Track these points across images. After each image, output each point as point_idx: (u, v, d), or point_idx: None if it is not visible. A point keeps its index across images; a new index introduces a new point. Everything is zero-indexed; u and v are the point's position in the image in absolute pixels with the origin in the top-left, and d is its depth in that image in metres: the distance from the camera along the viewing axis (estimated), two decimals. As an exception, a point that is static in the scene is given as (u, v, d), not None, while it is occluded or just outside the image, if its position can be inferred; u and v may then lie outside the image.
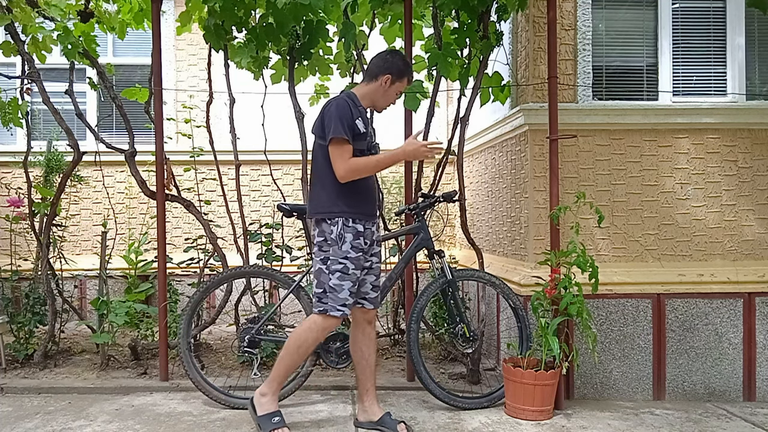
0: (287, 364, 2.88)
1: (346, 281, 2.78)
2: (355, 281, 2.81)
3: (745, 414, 3.28)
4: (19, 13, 3.72)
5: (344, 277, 2.78)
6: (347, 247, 2.78)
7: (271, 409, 2.87)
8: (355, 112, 2.80)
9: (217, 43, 3.77)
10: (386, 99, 2.91)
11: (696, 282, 3.53)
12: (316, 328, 2.84)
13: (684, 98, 3.73)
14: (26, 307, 4.08)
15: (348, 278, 2.79)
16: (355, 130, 2.77)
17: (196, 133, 4.58)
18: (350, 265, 2.79)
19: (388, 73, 2.85)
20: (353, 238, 2.79)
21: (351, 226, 2.80)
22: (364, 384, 3.00)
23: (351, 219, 2.81)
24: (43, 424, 3.02)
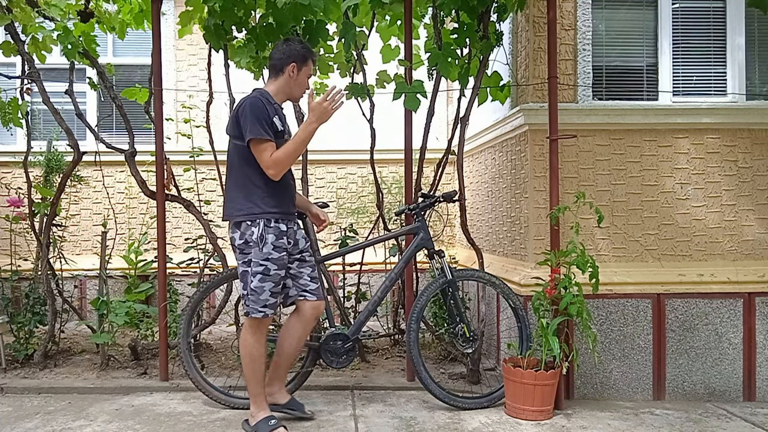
0: (250, 378, 2.89)
1: (267, 282, 2.80)
2: (277, 281, 2.83)
3: (745, 414, 3.28)
4: (19, 13, 3.72)
5: (265, 278, 2.79)
6: (268, 248, 2.78)
7: (263, 415, 2.87)
8: (271, 109, 2.81)
9: (217, 43, 3.77)
10: (299, 86, 2.91)
11: (696, 282, 3.53)
12: (248, 330, 2.89)
13: (684, 98, 3.73)
14: (26, 307, 4.08)
15: (269, 279, 2.80)
16: (274, 127, 2.79)
17: (195, 133, 4.59)
18: (272, 266, 2.80)
19: (292, 61, 2.86)
20: (275, 238, 2.80)
21: (273, 226, 2.80)
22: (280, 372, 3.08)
23: (273, 219, 2.81)
24: (43, 424, 3.02)
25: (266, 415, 2.87)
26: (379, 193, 4.23)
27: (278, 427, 2.83)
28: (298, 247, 2.97)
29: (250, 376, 2.89)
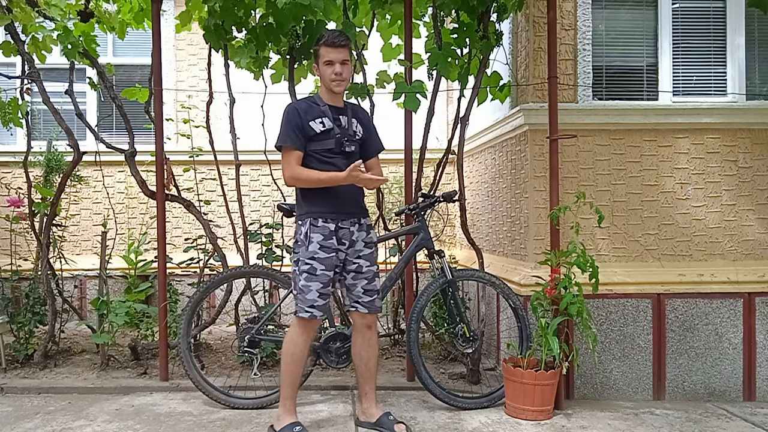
0: (286, 377, 2.87)
1: (314, 282, 2.76)
2: (325, 282, 2.77)
3: (745, 414, 3.28)
4: (19, 13, 3.72)
5: (311, 278, 2.76)
6: (314, 247, 2.76)
7: (288, 420, 2.83)
8: (312, 113, 2.81)
9: (217, 43, 3.77)
10: (324, 80, 2.85)
11: (696, 282, 3.53)
12: (294, 331, 2.85)
13: (684, 98, 3.73)
14: (26, 307, 4.08)
15: (316, 279, 2.76)
16: (310, 131, 2.79)
17: (195, 133, 4.58)
18: (318, 266, 2.76)
19: (313, 63, 2.92)
20: (322, 238, 2.77)
21: (320, 226, 2.78)
22: (363, 387, 3.00)
23: (320, 218, 2.79)
24: (43, 424, 3.02)
25: (292, 421, 2.82)
26: (379, 193, 4.23)
27: None
28: (355, 251, 2.87)
29: (286, 376, 2.84)
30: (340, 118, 2.87)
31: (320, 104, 2.86)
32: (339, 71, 2.78)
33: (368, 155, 2.98)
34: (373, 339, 2.98)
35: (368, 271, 2.90)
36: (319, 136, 2.81)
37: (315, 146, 2.82)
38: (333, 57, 2.78)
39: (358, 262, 2.88)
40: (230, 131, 3.99)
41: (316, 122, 2.81)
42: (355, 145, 2.88)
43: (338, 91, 2.84)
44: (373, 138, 3.01)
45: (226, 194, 4.24)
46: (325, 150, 2.82)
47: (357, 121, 2.93)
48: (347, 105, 2.97)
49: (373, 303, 2.92)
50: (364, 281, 2.89)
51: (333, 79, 2.80)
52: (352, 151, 2.87)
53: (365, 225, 2.92)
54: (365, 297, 2.90)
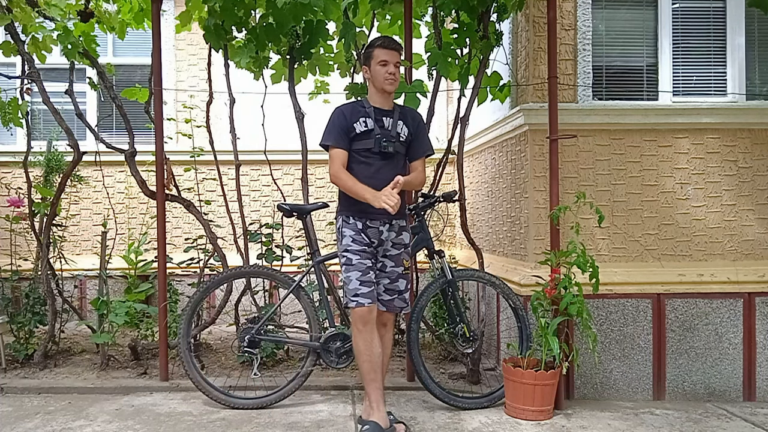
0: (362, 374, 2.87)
1: (353, 272, 2.84)
2: (363, 270, 2.84)
3: (745, 414, 3.28)
4: (19, 13, 3.72)
5: (350, 268, 2.85)
6: (347, 240, 2.88)
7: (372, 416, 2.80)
8: (356, 114, 2.91)
9: (217, 43, 3.77)
10: (378, 78, 2.91)
11: (696, 282, 3.53)
12: (353, 329, 2.87)
13: (684, 98, 3.73)
14: (26, 307, 4.08)
15: (354, 268, 2.84)
16: (352, 132, 2.89)
17: (196, 133, 4.58)
18: (353, 257, 2.85)
19: (363, 65, 3.00)
20: (353, 233, 2.88)
21: (350, 224, 2.90)
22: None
23: (350, 216, 2.90)
24: (43, 424, 3.02)
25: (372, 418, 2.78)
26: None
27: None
28: (384, 249, 2.92)
29: (362, 375, 2.87)
30: (383, 119, 2.94)
31: (366, 106, 2.95)
32: (392, 71, 2.90)
33: (412, 157, 3.04)
34: (387, 337, 3.01)
35: (392, 271, 2.96)
36: (360, 136, 2.89)
37: (356, 145, 2.90)
38: (388, 58, 2.90)
39: (384, 261, 2.95)
40: (230, 131, 3.99)
41: (359, 123, 2.90)
42: (396, 146, 2.92)
43: (390, 90, 2.93)
44: (419, 140, 3.03)
45: (226, 194, 4.24)
46: (364, 149, 2.89)
47: (403, 122, 2.97)
48: (396, 108, 3.01)
49: (392, 302, 2.97)
50: (386, 280, 2.95)
51: (386, 78, 2.89)
52: (393, 152, 2.90)
53: (397, 226, 2.95)
54: (385, 295, 2.95)
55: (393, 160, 2.92)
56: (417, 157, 3.04)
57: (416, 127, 3.03)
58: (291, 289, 3.28)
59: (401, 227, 2.97)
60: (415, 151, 3.03)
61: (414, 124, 3.03)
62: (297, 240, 4.92)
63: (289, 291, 3.29)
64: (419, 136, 3.04)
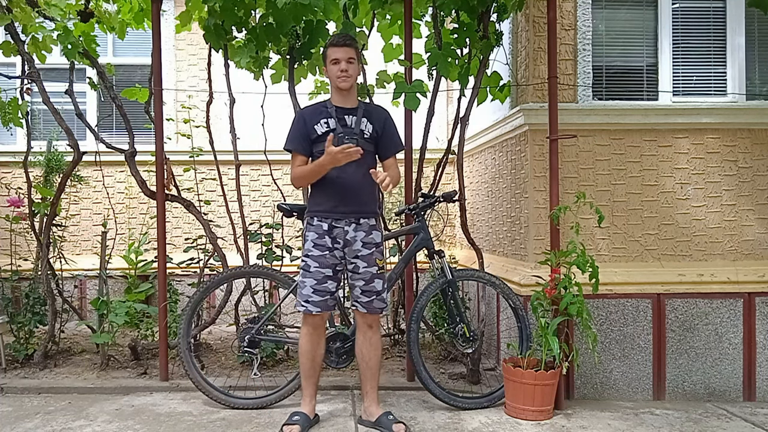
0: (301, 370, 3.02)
1: (308, 278, 2.87)
2: (320, 279, 2.85)
3: (745, 414, 3.28)
4: (19, 13, 3.72)
5: (306, 274, 2.88)
6: (309, 245, 2.88)
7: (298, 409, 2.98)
8: (317, 116, 2.90)
9: (217, 43, 3.77)
10: (331, 78, 2.90)
11: (696, 282, 3.53)
12: (303, 324, 2.96)
13: (684, 98, 3.73)
14: (26, 307, 4.08)
15: (310, 276, 2.86)
16: (313, 134, 2.89)
17: (195, 133, 4.58)
18: (311, 263, 2.86)
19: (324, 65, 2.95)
20: (316, 236, 2.87)
21: (314, 224, 2.89)
22: (364, 386, 3.02)
23: (315, 217, 2.90)
24: (43, 424, 3.02)
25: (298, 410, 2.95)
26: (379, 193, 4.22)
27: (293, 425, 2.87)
28: (353, 250, 2.87)
29: (302, 372, 3.00)
30: (345, 118, 2.90)
31: (328, 107, 2.92)
32: (345, 68, 2.84)
33: (383, 155, 3.00)
34: (374, 338, 2.99)
35: (365, 272, 2.90)
36: (322, 138, 2.85)
37: (320, 146, 2.86)
38: (339, 55, 2.85)
39: (355, 263, 2.90)
40: (230, 131, 3.99)
41: (320, 124, 2.88)
42: (361, 143, 2.86)
43: (344, 87, 2.87)
44: (388, 137, 2.99)
45: (226, 194, 4.24)
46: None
47: (368, 120, 2.93)
48: (360, 105, 2.97)
49: (371, 304, 2.93)
50: (361, 282, 2.91)
51: (339, 76, 2.85)
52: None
53: (366, 225, 2.91)
54: (363, 297, 2.92)
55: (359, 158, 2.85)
56: (388, 155, 3.00)
57: (383, 124, 2.97)
58: (291, 289, 3.28)
59: (371, 226, 2.92)
60: (385, 150, 2.99)
61: (380, 120, 2.96)
62: (297, 240, 4.92)
63: (289, 291, 3.29)
64: (387, 133, 2.98)
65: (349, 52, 2.85)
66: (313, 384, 3.01)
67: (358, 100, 2.98)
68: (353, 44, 2.89)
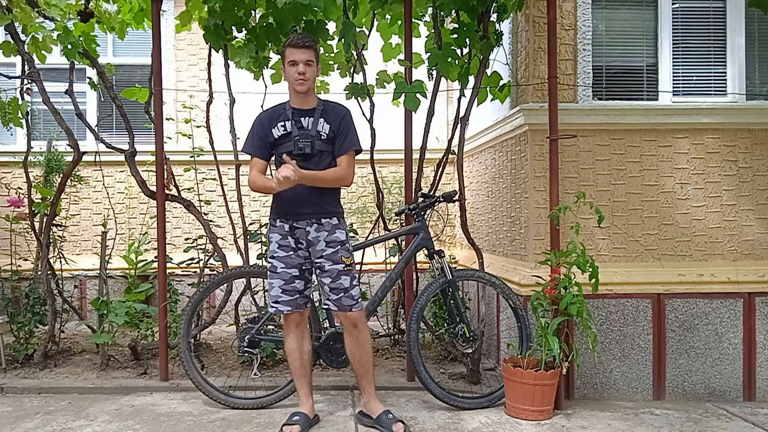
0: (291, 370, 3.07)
1: (276, 279, 2.92)
2: (287, 279, 2.90)
3: (745, 414, 3.28)
4: (19, 13, 3.72)
5: (273, 275, 2.93)
6: (273, 246, 2.92)
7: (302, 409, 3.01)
8: (275, 119, 2.90)
9: (217, 43, 3.76)
10: (289, 80, 2.87)
11: (696, 282, 3.53)
12: (284, 325, 3.02)
13: (684, 98, 3.73)
14: (26, 307, 4.08)
15: (277, 276, 2.91)
16: (271, 138, 2.90)
17: (196, 133, 4.58)
18: (278, 264, 2.91)
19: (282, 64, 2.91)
20: (280, 237, 2.92)
21: (277, 226, 2.93)
22: (360, 382, 3.06)
23: (277, 219, 2.93)
24: (43, 424, 3.02)
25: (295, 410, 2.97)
26: (379, 193, 4.23)
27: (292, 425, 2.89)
28: (317, 250, 2.88)
29: (292, 372, 3.06)
30: (302, 120, 2.88)
31: (286, 109, 2.91)
32: (302, 71, 2.80)
33: (337, 153, 2.93)
34: (361, 336, 2.97)
35: (331, 269, 2.88)
36: (280, 140, 2.89)
37: (279, 149, 2.91)
38: (297, 57, 2.81)
39: (320, 262, 2.90)
40: (230, 131, 3.99)
41: (277, 127, 2.89)
42: (318, 145, 2.85)
43: (300, 91, 2.84)
44: (343, 136, 2.90)
45: (226, 194, 4.24)
46: (286, 153, 2.85)
47: (325, 120, 2.89)
48: (319, 105, 2.92)
49: (340, 301, 2.90)
50: (327, 279, 2.90)
51: (296, 79, 2.82)
52: (311, 152, 2.84)
53: (329, 225, 2.89)
54: (332, 295, 2.91)
55: (316, 159, 2.85)
56: (340, 154, 2.91)
57: (339, 124, 2.90)
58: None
59: (334, 226, 2.89)
60: (338, 148, 2.91)
61: (337, 120, 2.90)
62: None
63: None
64: (342, 132, 2.91)
65: (308, 54, 2.81)
66: (306, 383, 3.02)
67: (317, 99, 2.94)
68: (313, 46, 2.85)
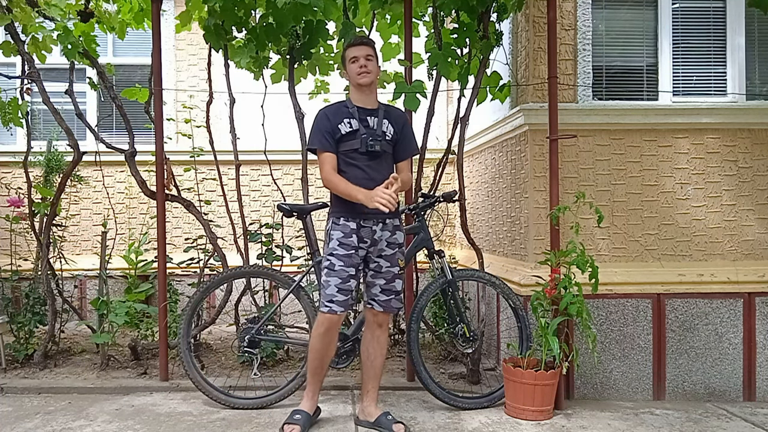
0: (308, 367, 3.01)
1: (333, 278, 2.84)
2: (344, 278, 2.83)
3: (745, 414, 3.28)
4: (19, 13, 3.72)
5: (331, 273, 2.85)
6: (334, 244, 2.86)
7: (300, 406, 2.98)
8: (340, 115, 2.89)
9: (217, 43, 3.77)
10: (352, 75, 2.91)
11: (696, 282, 3.53)
12: (317, 325, 2.91)
13: (684, 98, 3.73)
14: (26, 307, 4.08)
15: (335, 275, 2.84)
16: (337, 134, 2.87)
17: (196, 133, 4.58)
18: (336, 262, 2.85)
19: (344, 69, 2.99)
20: (342, 236, 2.86)
21: (341, 224, 2.88)
22: (366, 385, 3.03)
23: (341, 217, 2.88)
24: (43, 424, 3.02)
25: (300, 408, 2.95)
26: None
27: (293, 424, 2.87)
28: (378, 249, 2.89)
29: (309, 369, 2.99)
30: (368, 119, 2.91)
31: (349, 107, 2.92)
32: (363, 64, 2.86)
33: (399, 158, 3.00)
34: (382, 338, 3.01)
35: (387, 271, 2.93)
36: (346, 137, 2.87)
37: (343, 147, 2.88)
38: (357, 53, 2.88)
39: (379, 261, 2.92)
40: (230, 131, 3.99)
41: (343, 123, 2.88)
42: (383, 145, 2.88)
43: (365, 83, 2.88)
44: (405, 140, 2.99)
45: (226, 194, 4.24)
46: (351, 150, 2.86)
47: (389, 121, 2.94)
48: (380, 106, 2.97)
49: (389, 303, 2.96)
50: (382, 281, 2.93)
51: (359, 72, 2.86)
52: (380, 151, 2.87)
53: (391, 225, 2.92)
54: (382, 296, 2.94)
55: (381, 159, 2.89)
56: (403, 158, 3.00)
57: (402, 127, 2.98)
58: (291, 289, 3.28)
59: (395, 226, 2.94)
60: (402, 152, 2.99)
61: (399, 123, 2.98)
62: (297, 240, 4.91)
63: (289, 291, 3.29)
64: (405, 136, 2.99)
65: (367, 50, 2.89)
66: (318, 381, 3.01)
67: (378, 102, 2.99)
68: (370, 43, 2.93)
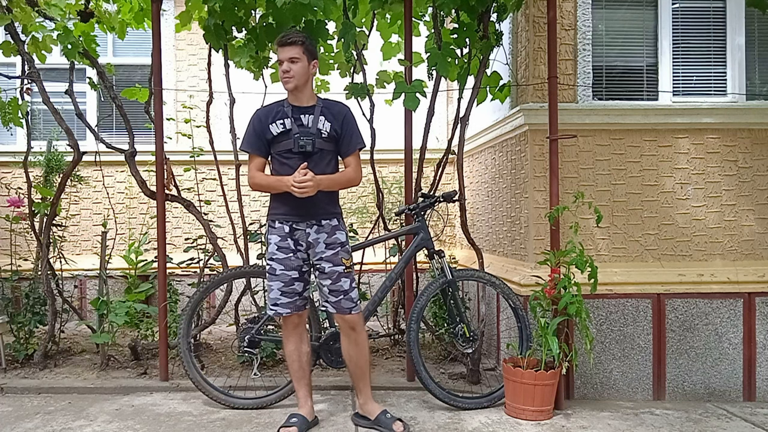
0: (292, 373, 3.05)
1: (275, 282, 2.87)
2: (287, 281, 2.86)
3: (745, 414, 3.28)
4: (19, 13, 3.72)
5: (272, 277, 2.88)
6: (272, 248, 2.87)
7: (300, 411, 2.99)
8: (273, 116, 2.85)
9: (217, 43, 3.76)
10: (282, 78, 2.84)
11: (696, 282, 3.53)
12: (282, 327, 2.99)
13: (684, 98, 3.73)
14: (26, 307, 4.08)
15: (276, 279, 2.87)
16: (269, 135, 2.84)
17: (196, 133, 4.58)
18: (277, 266, 2.86)
19: None
20: (279, 239, 2.86)
21: (276, 227, 2.87)
22: (356, 385, 3.04)
23: (275, 220, 2.88)
24: (43, 424, 3.02)
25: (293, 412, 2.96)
26: (379, 193, 4.23)
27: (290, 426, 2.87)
28: (316, 252, 2.85)
29: (290, 371, 3.04)
30: (301, 117, 2.83)
31: (285, 106, 2.87)
32: (286, 69, 2.78)
33: (343, 153, 2.92)
34: (359, 339, 2.94)
35: (331, 271, 2.85)
36: (279, 138, 2.84)
37: (276, 148, 2.86)
38: (281, 56, 2.80)
39: (319, 264, 2.87)
40: (230, 131, 3.99)
41: (276, 124, 2.83)
42: (319, 143, 2.81)
43: (287, 89, 2.83)
44: (348, 135, 2.88)
45: (226, 194, 4.24)
46: (285, 150, 2.83)
47: (325, 118, 2.84)
48: (319, 102, 2.88)
49: (339, 303, 2.87)
50: (328, 281, 2.87)
51: (281, 77, 2.82)
52: (313, 150, 2.79)
53: (328, 226, 2.86)
54: (331, 297, 2.89)
55: (315, 158, 2.80)
56: (348, 154, 2.90)
57: (342, 122, 2.86)
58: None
59: (333, 227, 2.86)
60: (345, 148, 2.89)
61: (338, 118, 2.86)
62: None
63: (289, 291, 3.29)
64: (347, 131, 2.88)
65: (292, 51, 2.76)
66: (305, 385, 3.00)
67: (316, 97, 2.90)
68: (297, 41, 2.78)
